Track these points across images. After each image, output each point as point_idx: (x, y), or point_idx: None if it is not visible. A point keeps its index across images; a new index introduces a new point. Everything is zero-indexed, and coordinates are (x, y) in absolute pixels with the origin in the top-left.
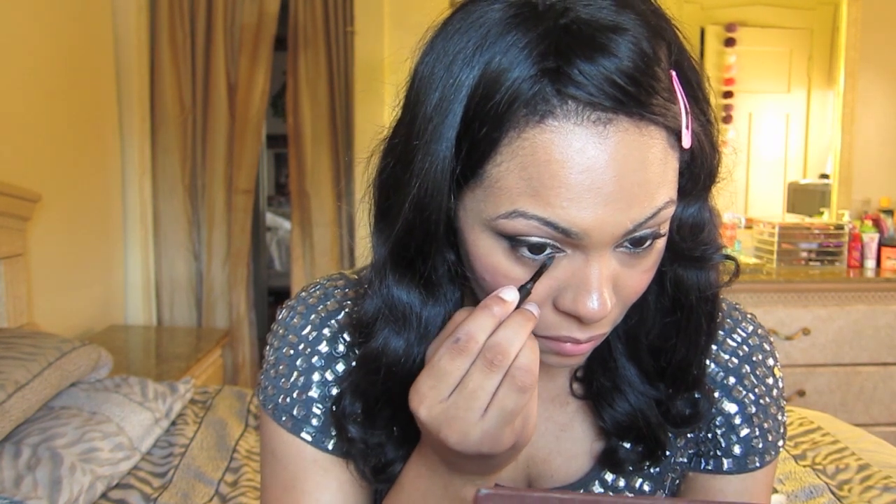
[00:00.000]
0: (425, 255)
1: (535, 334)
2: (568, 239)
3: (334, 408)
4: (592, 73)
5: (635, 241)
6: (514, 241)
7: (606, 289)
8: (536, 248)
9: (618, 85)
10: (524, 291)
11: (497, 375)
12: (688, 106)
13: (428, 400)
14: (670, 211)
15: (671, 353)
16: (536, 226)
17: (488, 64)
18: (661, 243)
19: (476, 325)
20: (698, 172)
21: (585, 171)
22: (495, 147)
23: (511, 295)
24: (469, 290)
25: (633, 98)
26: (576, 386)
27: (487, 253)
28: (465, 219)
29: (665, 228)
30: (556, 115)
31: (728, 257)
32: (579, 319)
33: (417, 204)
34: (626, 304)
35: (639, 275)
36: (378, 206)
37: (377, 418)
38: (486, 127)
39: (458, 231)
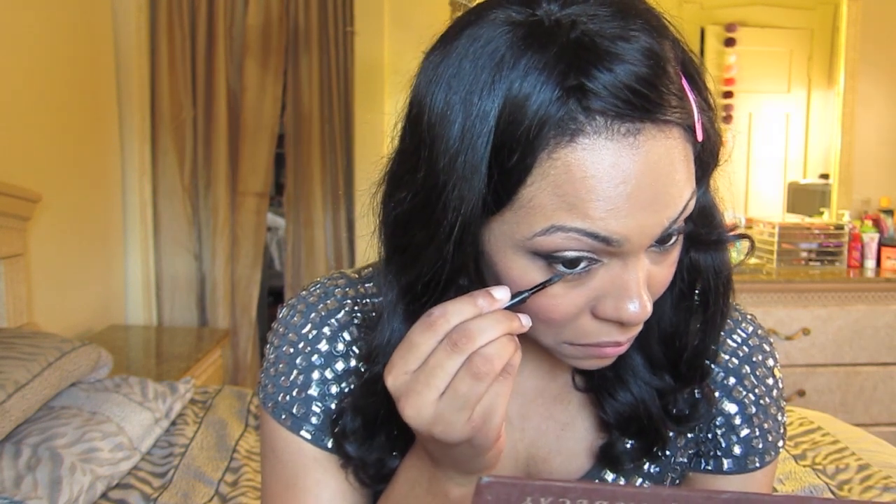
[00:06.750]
0: (447, 287)
1: (576, 343)
2: (608, 247)
3: (334, 426)
4: (615, 86)
5: (663, 239)
6: (550, 259)
7: (644, 291)
8: (572, 263)
9: (640, 93)
10: (519, 297)
11: (458, 357)
12: (696, 99)
13: (395, 369)
14: (693, 202)
15: (685, 338)
16: (576, 237)
17: (509, 90)
18: (681, 236)
19: (454, 308)
20: (707, 159)
21: (622, 182)
22: (528, 171)
23: (501, 294)
24: None
25: (656, 104)
26: (578, 378)
27: (522, 274)
28: (493, 243)
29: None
30: (587, 133)
31: (743, 236)
32: (620, 323)
33: (455, 239)
34: (656, 298)
35: (666, 269)
36: (394, 242)
37: (377, 433)
38: (517, 154)
39: (485, 255)
